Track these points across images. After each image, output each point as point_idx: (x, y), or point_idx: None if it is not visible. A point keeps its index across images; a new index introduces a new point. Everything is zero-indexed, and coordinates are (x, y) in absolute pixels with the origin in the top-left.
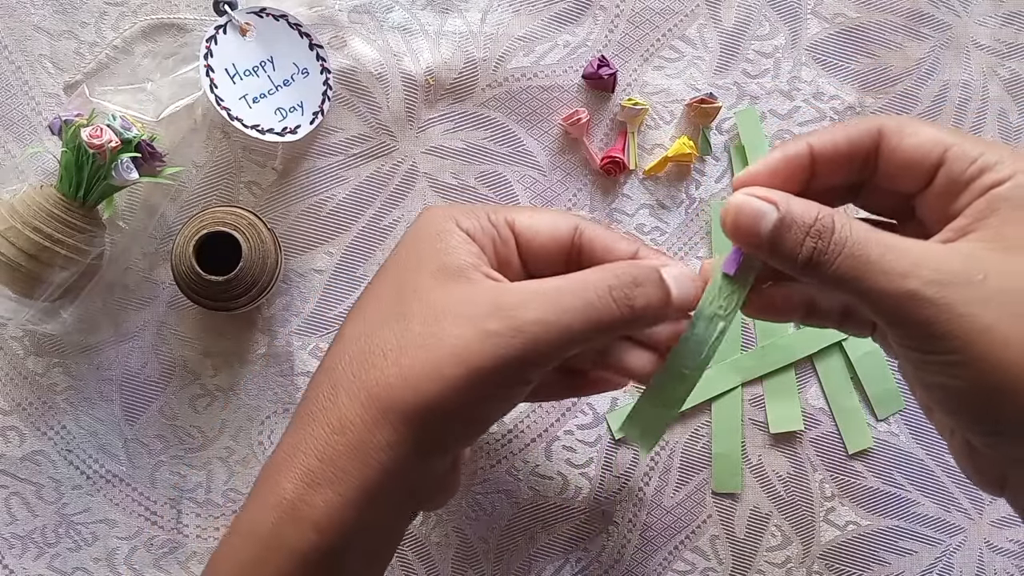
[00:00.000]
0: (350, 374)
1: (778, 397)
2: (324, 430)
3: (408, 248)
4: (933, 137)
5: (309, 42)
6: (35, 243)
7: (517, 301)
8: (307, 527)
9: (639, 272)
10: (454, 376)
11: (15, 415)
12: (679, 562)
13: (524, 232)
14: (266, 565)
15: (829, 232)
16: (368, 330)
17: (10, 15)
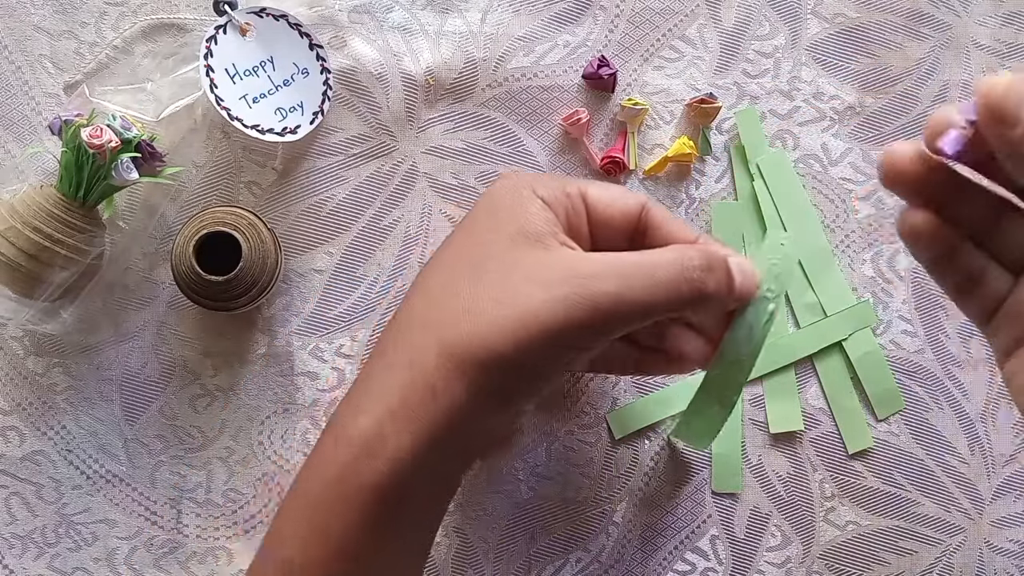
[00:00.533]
0: (423, 316)
1: (778, 397)
2: (396, 370)
3: (486, 211)
4: None
5: (309, 42)
6: (35, 243)
7: (591, 271)
8: (381, 463)
9: (711, 258)
10: (523, 333)
11: (15, 415)
12: (679, 562)
13: (595, 204)
14: (345, 497)
15: None
16: (444, 280)
17: (10, 15)
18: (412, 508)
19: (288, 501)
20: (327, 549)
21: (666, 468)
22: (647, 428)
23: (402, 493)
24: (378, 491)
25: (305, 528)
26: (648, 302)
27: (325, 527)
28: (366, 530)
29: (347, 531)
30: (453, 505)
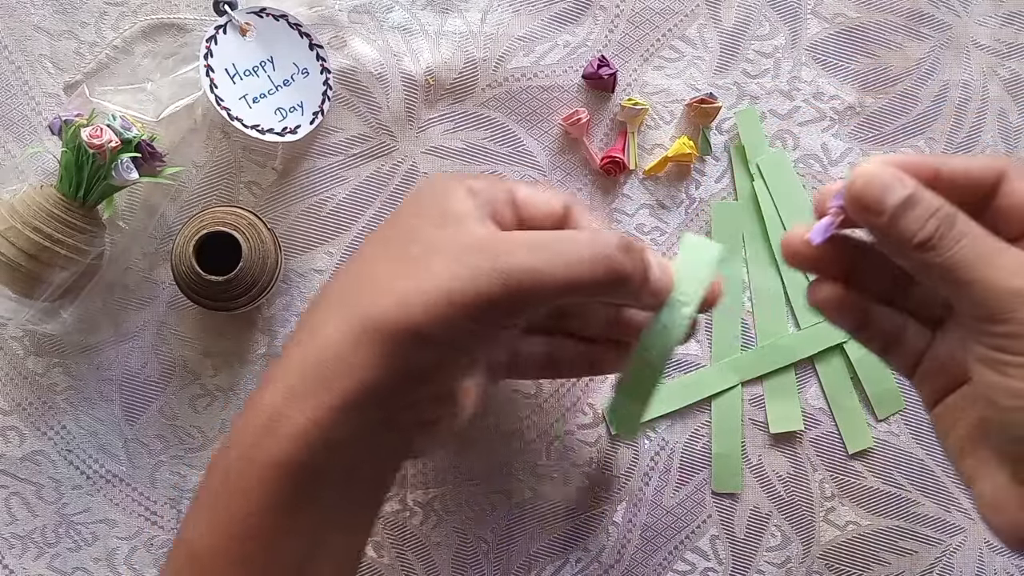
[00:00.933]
0: (339, 298)
1: (778, 397)
2: (308, 346)
3: (413, 201)
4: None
5: (309, 42)
6: (35, 243)
7: (507, 247)
8: (284, 439)
9: (628, 242)
10: (436, 304)
11: (15, 415)
12: (679, 562)
13: (522, 205)
14: (247, 476)
15: (953, 218)
16: (365, 262)
17: (10, 15)
18: (326, 487)
19: (201, 482)
20: (231, 531)
21: (666, 468)
22: (644, 425)
23: (311, 471)
24: (282, 468)
25: (209, 510)
26: (563, 278)
27: (228, 508)
28: (273, 511)
29: (252, 512)
30: (453, 505)
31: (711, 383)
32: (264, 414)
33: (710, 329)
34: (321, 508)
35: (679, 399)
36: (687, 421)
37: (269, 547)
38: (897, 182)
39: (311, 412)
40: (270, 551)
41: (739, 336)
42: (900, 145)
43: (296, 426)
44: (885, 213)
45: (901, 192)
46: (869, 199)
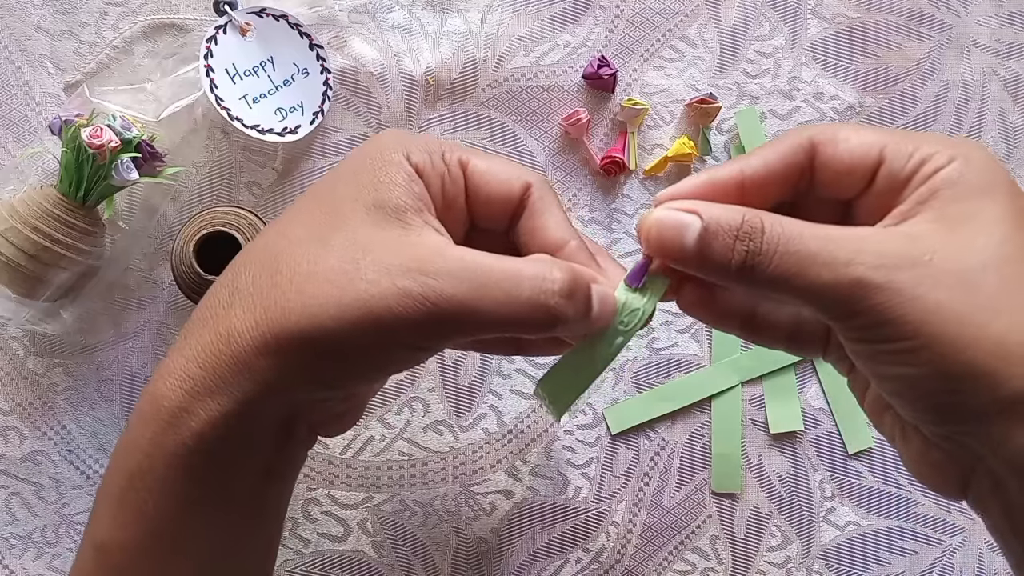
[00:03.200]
0: (251, 286)
1: (778, 397)
2: (211, 337)
3: (349, 171)
4: (868, 139)
5: (309, 42)
6: (35, 243)
7: (441, 269)
8: (187, 435)
9: (574, 283)
10: (354, 320)
11: (15, 415)
12: (679, 562)
13: (476, 178)
14: (150, 473)
15: (759, 232)
16: (284, 245)
17: (10, 15)
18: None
19: (105, 478)
20: (140, 528)
21: (666, 468)
22: (645, 425)
23: (215, 465)
24: (186, 466)
25: (116, 506)
26: (496, 317)
27: (135, 503)
28: (181, 508)
29: (160, 509)
30: (453, 505)
31: (711, 383)
32: (166, 409)
33: (710, 329)
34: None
35: (679, 399)
36: (687, 421)
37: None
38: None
39: (214, 409)
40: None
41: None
42: None
43: (200, 422)
44: (691, 256)
45: (696, 226)
46: (669, 246)
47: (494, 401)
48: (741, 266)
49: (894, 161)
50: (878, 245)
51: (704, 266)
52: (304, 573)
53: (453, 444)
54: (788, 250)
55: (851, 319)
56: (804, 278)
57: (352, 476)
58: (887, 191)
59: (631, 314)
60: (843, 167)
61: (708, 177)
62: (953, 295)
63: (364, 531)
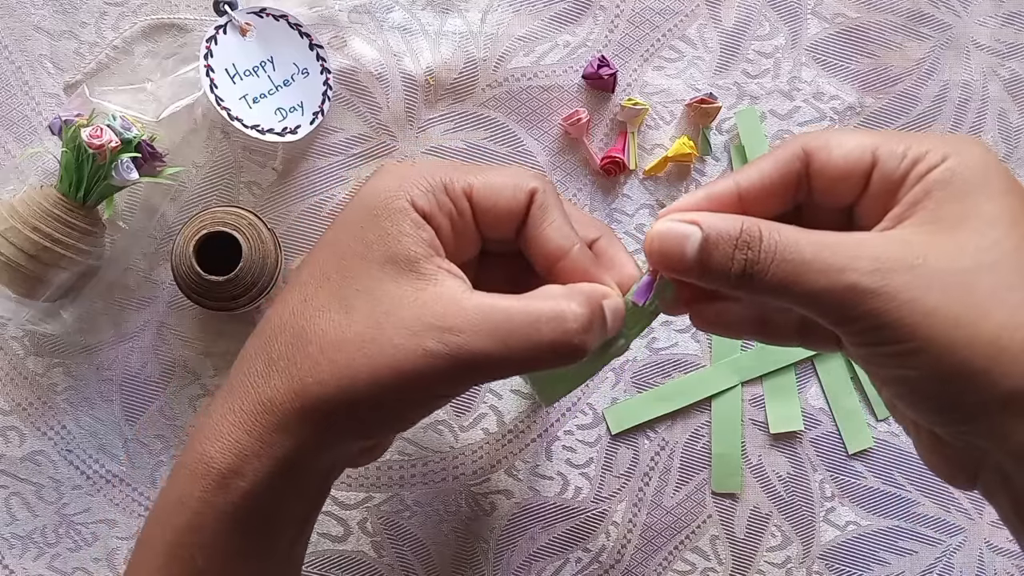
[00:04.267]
0: (286, 356)
1: (778, 397)
2: (255, 407)
3: (355, 226)
4: (860, 142)
5: (309, 42)
6: (35, 243)
7: (463, 323)
8: (236, 495)
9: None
10: (385, 384)
11: (15, 415)
12: (679, 562)
13: (481, 202)
14: (201, 530)
15: (757, 240)
16: (309, 313)
17: (10, 15)
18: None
19: (146, 530)
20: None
21: (666, 468)
22: (645, 425)
23: (260, 520)
24: (236, 522)
25: (164, 560)
26: (520, 361)
27: (189, 559)
28: (230, 561)
29: (210, 563)
30: (453, 505)
31: (711, 383)
32: (216, 471)
33: None
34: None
35: (679, 399)
36: (687, 421)
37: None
38: (688, 228)
39: (261, 471)
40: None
41: None
42: None
43: (249, 482)
44: (692, 266)
45: (697, 237)
46: (671, 257)
47: (494, 401)
48: (741, 274)
49: (887, 162)
50: (872, 250)
51: (705, 275)
52: (304, 573)
53: (453, 444)
54: (785, 258)
55: (849, 324)
56: (801, 285)
57: (352, 476)
58: (883, 193)
59: (634, 320)
60: (837, 173)
61: (706, 192)
62: (946, 297)
63: (364, 531)
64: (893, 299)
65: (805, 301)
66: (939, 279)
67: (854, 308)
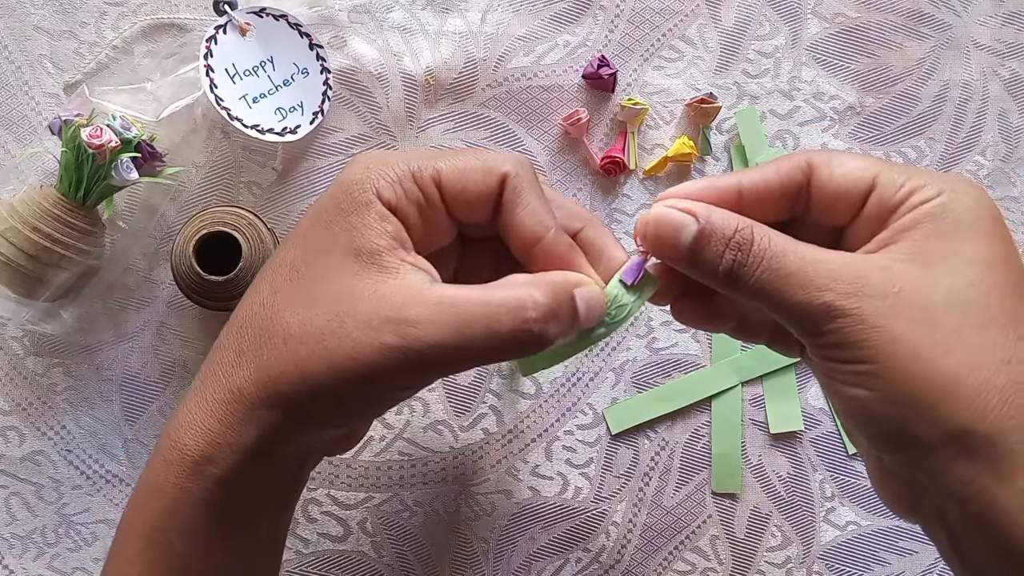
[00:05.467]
0: (254, 348)
1: (778, 397)
2: (224, 396)
3: (323, 219)
4: (861, 165)
5: (309, 42)
6: (35, 243)
7: (421, 315)
8: (210, 481)
9: (556, 303)
10: (345, 377)
11: (15, 415)
12: (679, 562)
13: (450, 187)
14: (178, 515)
15: (748, 244)
16: (277, 305)
17: (10, 15)
18: (248, 516)
19: (126, 517)
20: (169, 564)
21: (666, 468)
22: (645, 425)
23: (234, 505)
24: (212, 508)
25: (143, 545)
26: (480, 352)
27: (167, 544)
28: (208, 545)
29: (188, 547)
30: (453, 505)
31: (711, 383)
32: (190, 458)
33: None
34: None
35: (679, 399)
36: (687, 421)
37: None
38: (686, 218)
39: (233, 457)
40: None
41: None
42: (900, 145)
43: (222, 468)
44: (683, 255)
45: (692, 228)
46: (664, 242)
47: (494, 401)
48: (727, 273)
49: (885, 189)
50: (852, 272)
51: (693, 267)
52: (304, 573)
53: (453, 444)
54: (771, 266)
55: (816, 337)
56: (780, 295)
57: (352, 476)
58: (876, 218)
59: (619, 308)
60: (837, 191)
61: (709, 183)
62: (913, 328)
63: (364, 531)
64: (862, 321)
65: (781, 310)
66: (909, 310)
67: (824, 324)
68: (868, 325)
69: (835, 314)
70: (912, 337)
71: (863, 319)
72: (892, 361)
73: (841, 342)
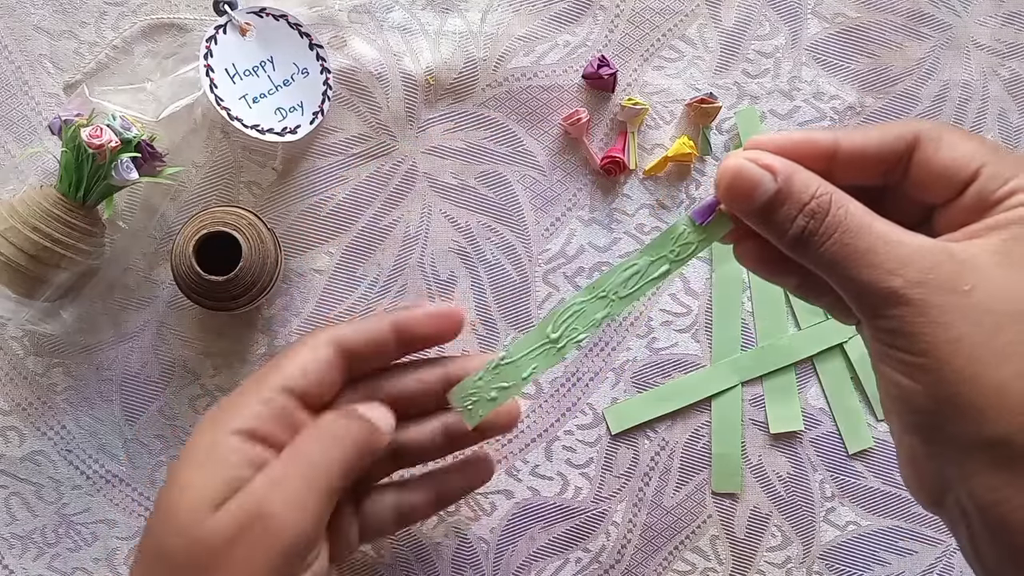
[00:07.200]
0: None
1: (778, 397)
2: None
3: None
4: (971, 151)
5: (309, 42)
6: (35, 243)
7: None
8: None
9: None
10: None
11: (15, 415)
12: (679, 562)
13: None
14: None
15: (824, 213)
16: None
17: (10, 15)
18: None
19: None
20: None
21: (666, 468)
22: (645, 425)
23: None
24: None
25: None
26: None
27: None
28: None
29: None
30: (453, 505)
31: (711, 383)
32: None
33: (710, 329)
34: None
35: (679, 399)
36: (687, 421)
37: None
38: (765, 175)
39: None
40: None
41: (739, 336)
42: None
43: None
44: (755, 211)
45: (769, 187)
46: (737, 195)
47: None
48: (796, 238)
49: (989, 181)
50: (926, 261)
51: (763, 225)
52: None
53: None
54: (843, 240)
55: (875, 319)
56: (847, 271)
57: None
58: (973, 208)
59: (684, 247)
60: (937, 172)
61: (806, 136)
62: (975, 331)
63: None
64: (924, 315)
65: (845, 285)
66: (975, 312)
67: (886, 308)
68: (930, 319)
69: (899, 300)
70: (972, 339)
71: (926, 312)
72: (946, 360)
73: (899, 329)
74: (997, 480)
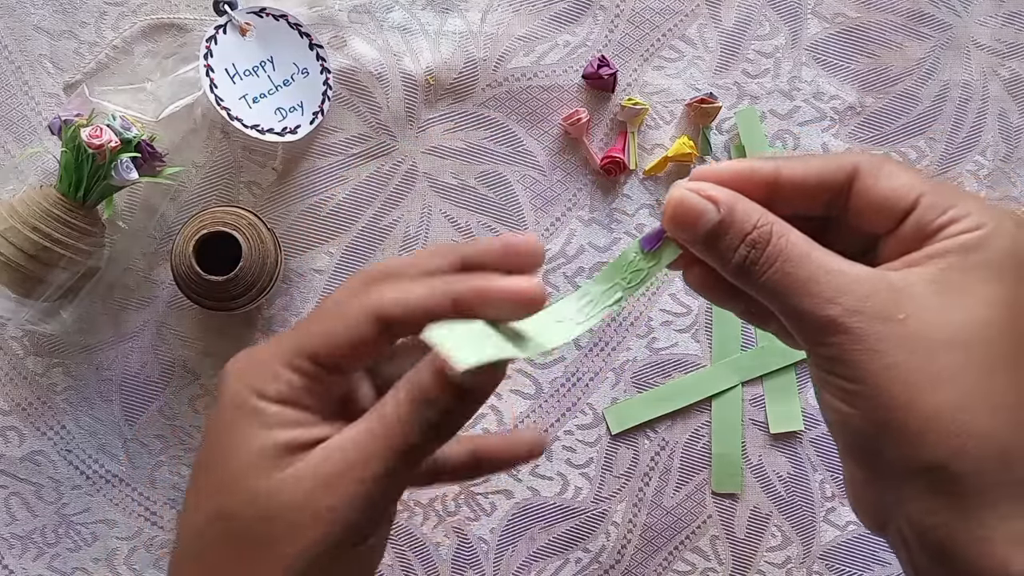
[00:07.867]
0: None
1: (778, 397)
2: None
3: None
4: (908, 182)
5: (309, 42)
6: (35, 243)
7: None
8: None
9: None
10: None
11: (15, 415)
12: (679, 562)
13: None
14: None
15: (765, 243)
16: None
17: (10, 15)
18: None
19: None
20: None
21: (666, 468)
22: (645, 425)
23: None
24: None
25: None
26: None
27: None
28: None
29: None
30: (453, 505)
31: (711, 383)
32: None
33: (710, 329)
34: None
35: (679, 399)
36: (687, 421)
37: None
38: (708, 206)
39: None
40: None
41: (739, 336)
42: (900, 145)
43: None
44: (698, 240)
45: (712, 217)
46: (681, 224)
47: (494, 401)
48: (739, 267)
49: (927, 211)
50: (863, 290)
51: (708, 254)
52: None
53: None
54: (783, 269)
55: (815, 347)
56: (788, 299)
57: None
58: (911, 238)
59: (635, 274)
60: (876, 203)
61: (748, 165)
62: (911, 359)
63: None
64: (862, 343)
65: (786, 312)
66: (911, 340)
67: (825, 336)
68: (866, 346)
69: (837, 328)
70: (908, 366)
71: (862, 339)
72: (883, 386)
73: (837, 357)
74: (934, 504)
